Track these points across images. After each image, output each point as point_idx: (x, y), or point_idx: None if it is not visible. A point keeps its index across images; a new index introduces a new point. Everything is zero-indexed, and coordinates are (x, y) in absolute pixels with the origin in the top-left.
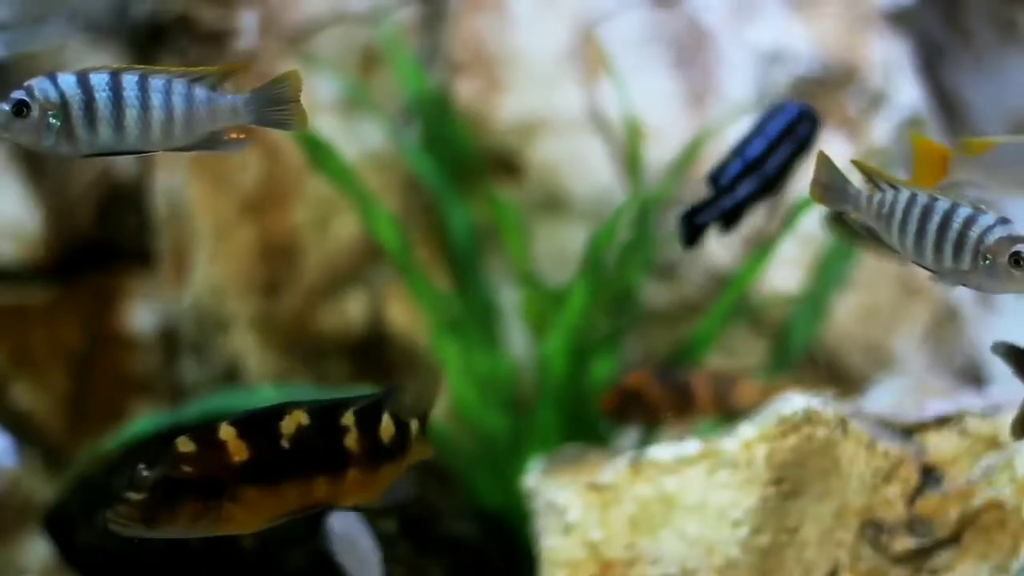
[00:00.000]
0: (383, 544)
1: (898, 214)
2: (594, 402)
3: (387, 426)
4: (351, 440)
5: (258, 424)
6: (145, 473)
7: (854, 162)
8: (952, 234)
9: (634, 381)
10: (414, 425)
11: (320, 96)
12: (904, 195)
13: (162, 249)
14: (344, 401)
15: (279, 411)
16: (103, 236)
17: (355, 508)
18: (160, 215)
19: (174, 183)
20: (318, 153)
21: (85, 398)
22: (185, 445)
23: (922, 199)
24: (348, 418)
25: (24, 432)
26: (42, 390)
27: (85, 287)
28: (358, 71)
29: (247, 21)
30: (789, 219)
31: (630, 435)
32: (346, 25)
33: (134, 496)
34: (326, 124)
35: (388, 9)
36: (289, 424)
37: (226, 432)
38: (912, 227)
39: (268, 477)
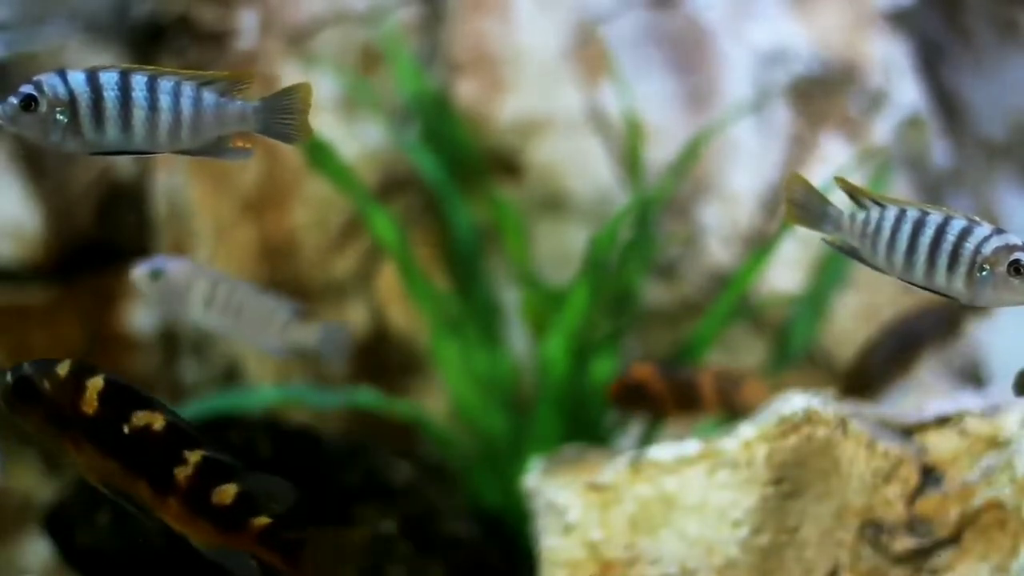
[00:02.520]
0: (382, 544)
1: (886, 232)
2: (594, 402)
3: (226, 492)
4: (181, 473)
5: (120, 397)
6: (23, 365)
7: (837, 179)
8: (947, 247)
9: (639, 373)
10: (263, 519)
11: (320, 96)
12: (892, 212)
13: (162, 249)
14: (206, 442)
15: (149, 404)
16: (103, 236)
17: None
18: (160, 215)
19: (174, 183)
20: (317, 154)
21: None
22: (61, 367)
23: (912, 214)
24: (195, 456)
25: (24, 432)
26: None
27: (85, 287)
28: (358, 71)
29: (247, 21)
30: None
31: (630, 435)
32: (346, 25)
33: (5, 379)
34: (326, 124)
35: (388, 9)
36: (140, 419)
37: (93, 383)
38: (902, 244)
39: (99, 442)
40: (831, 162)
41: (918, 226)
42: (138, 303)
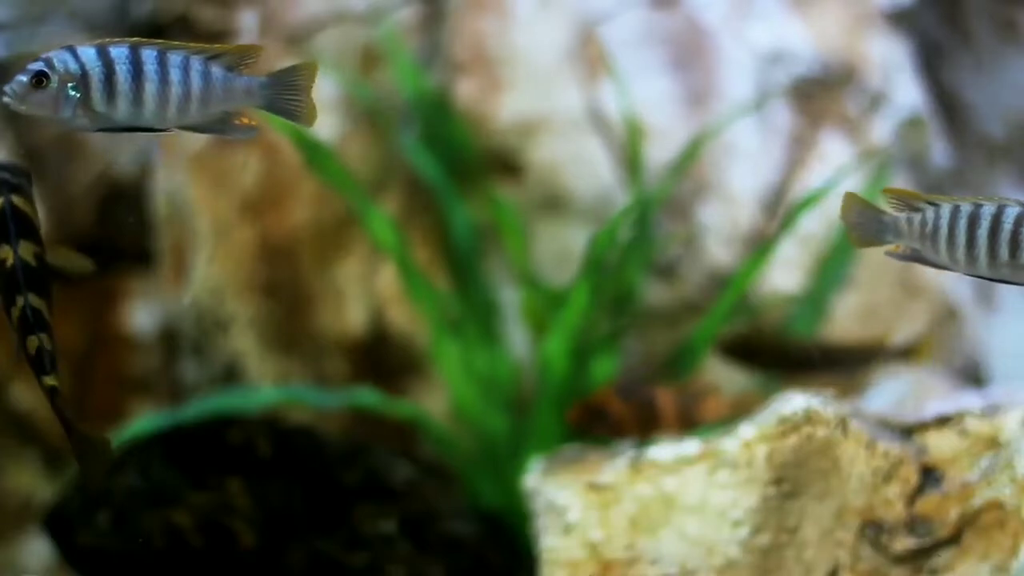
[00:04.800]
0: (383, 544)
1: (943, 229)
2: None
3: (31, 342)
4: (13, 313)
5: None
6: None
7: (886, 190)
8: (1005, 235)
9: (599, 397)
10: (50, 380)
11: (320, 96)
12: (946, 209)
13: (162, 249)
14: (42, 291)
15: (7, 239)
16: (103, 236)
17: None
18: (160, 215)
19: (174, 183)
20: (316, 155)
21: (85, 398)
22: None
23: (966, 208)
24: (21, 300)
25: (24, 432)
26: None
27: (85, 287)
28: (358, 71)
29: (247, 21)
30: (787, 219)
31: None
32: (346, 25)
33: None
34: (326, 124)
35: (388, 9)
36: (1, 251)
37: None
38: (961, 239)
39: None
40: (831, 162)
41: (973, 219)
42: (138, 302)
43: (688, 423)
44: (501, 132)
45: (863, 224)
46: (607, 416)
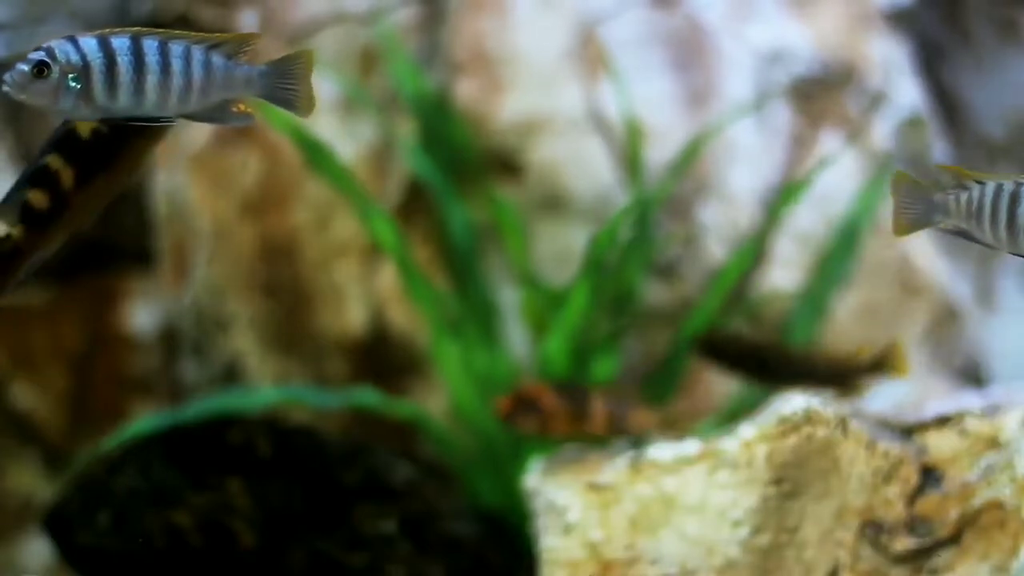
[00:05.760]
0: (383, 544)
1: (987, 208)
2: None
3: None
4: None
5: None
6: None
7: (938, 166)
8: None
9: (533, 390)
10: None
11: (320, 96)
12: (990, 187)
13: (162, 249)
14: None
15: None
16: (103, 236)
17: None
18: (160, 215)
19: (174, 183)
20: (316, 154)
21: (85, 398)
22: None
23: (1008, 187)
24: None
25: (24, 432)
26: (42, 390)
27: (85, 287)
28: (357, 71)
29: (247, 21)
30: (774, 210)
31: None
32: (346, 25)
33: None
34: (326, 124)
35: (387, 9)
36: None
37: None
38: (1003, 218)
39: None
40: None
41: (1015, 199)
42: (138, 302)
43: (615, 430)
44: (501, 132)
45: (913, 204)
46: (538, 409)
